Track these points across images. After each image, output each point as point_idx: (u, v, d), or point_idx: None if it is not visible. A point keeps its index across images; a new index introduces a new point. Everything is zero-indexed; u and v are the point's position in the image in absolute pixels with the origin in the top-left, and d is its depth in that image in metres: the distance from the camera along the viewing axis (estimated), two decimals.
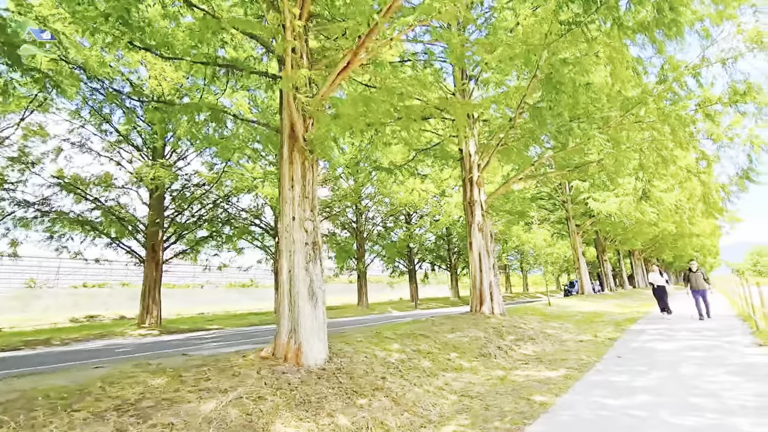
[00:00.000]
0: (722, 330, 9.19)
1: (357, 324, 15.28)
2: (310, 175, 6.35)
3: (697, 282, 10.79)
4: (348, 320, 18.01)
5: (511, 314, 12.08)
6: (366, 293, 27.25)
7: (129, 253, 16.97)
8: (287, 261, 5.91)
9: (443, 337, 8.49)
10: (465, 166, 11.93)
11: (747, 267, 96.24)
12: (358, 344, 7.27)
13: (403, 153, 15.96)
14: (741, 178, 10.13)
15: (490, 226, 11.56)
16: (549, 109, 8.47)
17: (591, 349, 8.02)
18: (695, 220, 25.51)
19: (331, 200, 23.00)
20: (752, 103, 7.89)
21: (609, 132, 9.78)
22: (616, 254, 38.19)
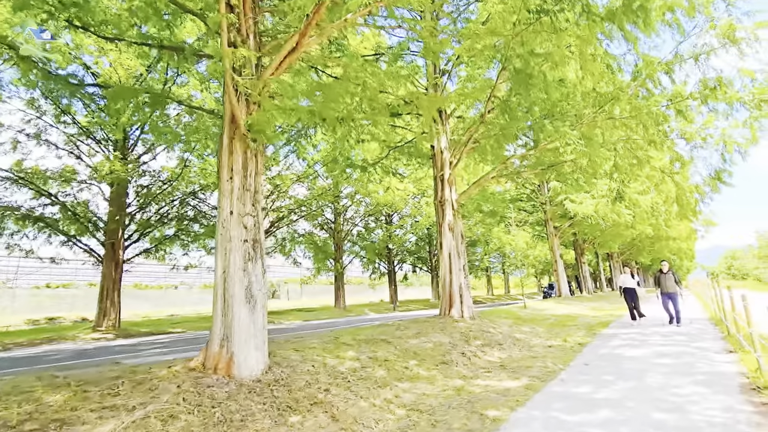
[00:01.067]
0: (693, 335, 8.93)
1: (327, 327, 14.70)
2: (253, 166, 5.78)
3: (667, 284, 10.13)
4: (318, 323, 17.40)
5: (484, 317, 11.68)
6: (343, 295, 26.64)
7: (87, 251, 16.02)
8: (222, 260, 5.33)
9: (405, 343, 8.00)
10: (436, 163, 11.49)
11: (721, 270, 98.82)
12: (309, 351, 6.72)
13: (379, 151, 15.46)
14: (714, 178, 9.94)
15: (461, 226, 11.14)
16: (518, 104, 8.08)
17: (559, 355, 7.63)
18: (671, 223, 25.70)
19: (307, 199, 22.33)
20: (722, 97, 7.64)
21: (582, 129, 9.46)
22: (594, 257, 38.47)
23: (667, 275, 10.24)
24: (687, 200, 10.90)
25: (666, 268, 10.35)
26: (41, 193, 15.07)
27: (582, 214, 17.19)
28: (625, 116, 8.45)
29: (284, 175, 21.18)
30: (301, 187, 24.22)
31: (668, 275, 10.22)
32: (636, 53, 9.29)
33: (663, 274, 10.31)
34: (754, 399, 4.43)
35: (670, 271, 10.26)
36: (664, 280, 10.21)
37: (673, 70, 8.32)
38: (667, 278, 10.19)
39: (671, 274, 10.22)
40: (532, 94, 8.19)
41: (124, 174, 14.14)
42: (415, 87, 11.48)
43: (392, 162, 16.99)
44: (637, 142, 10.84)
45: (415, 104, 8.56)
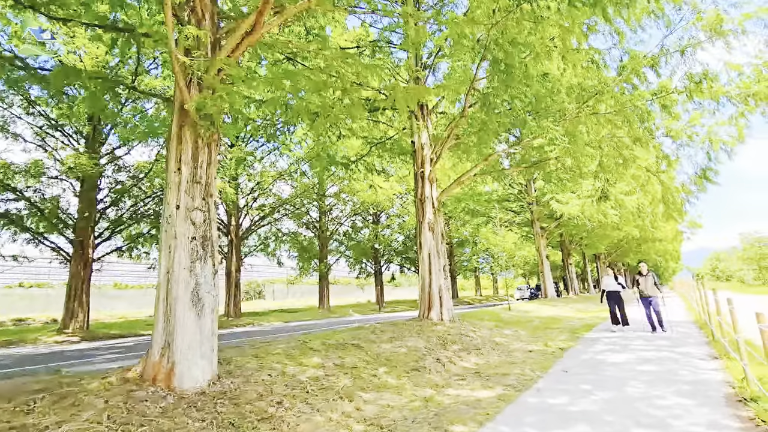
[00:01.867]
0: (677, 339, 8.64)
1: (304, 329, 14.19)
2: (204, 156, 5.28)
3: (647, 288, 9.42)
4: (298, 325, 16.87)
5: (465, 320, 11.29)
6: (328, 295, 26.13)
7: (55, 250, 15.28)
8: (165, 259, 4.83)
9: (378, 348, 7.56)
10: (416, 160, 11.08)
11: (706, 272, 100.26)
12: (270, 358, 6.24)
13: (360, 147, 15.00)
14: (700, 177, 9.68)
15: (442, 225, 10.74)
16: (499, 97, 7.70)
17: (538, 361, 7.26)
18: (657, 224, 25.68)
19: (290, 196, 21.77)
20: (708, 92, 7.35)
21: (565, 126, 9.12)
22: (582, 258, 38.48)
23: (646, 278, 9.56)
24: (673, 199, 10.64)
25: (645, 270, 9.65)
26: (5, 188, 14.31)
27: (568, 215, 16.94)
28: (610, 111, 8.12)
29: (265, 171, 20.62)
30: (285, 185, 23.67)
31: (647, 278, 9.54)
32: (621, 48, 8.99)
33: (642, 277, 9.63)
34: (741, 413, 4.07)
35: (649, 273, 9.59)
36: (643, 283, 9.55)
37: (659, 64, 8.02)
38: (646, 281, 9.52)
39: (651, 276, 9.54)
40: (513, 87, 7.81)
41: (92, 169, 13.45)
42: (396, 80, 11.06)
43: (375, 159, 16.58)
44: (622, 141, 10.55)
45: (391, 96, 8.14)
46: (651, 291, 9.36)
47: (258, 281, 44.09)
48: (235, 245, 20.26)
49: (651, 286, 9.38)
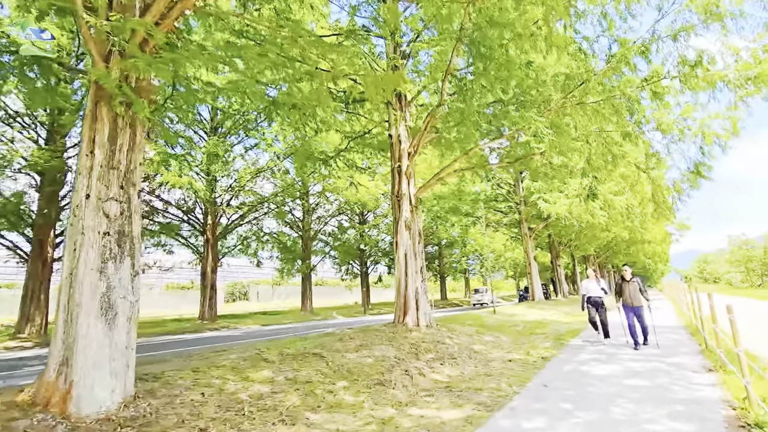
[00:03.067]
0: (668, 347, 8.04)
1: (277, 334, 13.41)
2: (125, 138, 4.51)
3: (631, 295, 7.93)
4: (273, 329, 16.06)
5: (445, 324, 10.61)
6: (310, 297, 25.32)
7: (11, 249, 14.31)
8: (69, 257, 4.05)
9: (342, 358, 6.83)
10: (394, 154, 10.38)
11: (694, 274, 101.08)
12: (211, 372, 5.48)
13: (339, 142, 14.27)
14: (693, 173, 9.12)
15: (420, 224, 10.05)
16: (476, 84, 7.04)
17: (517, 372, 6.59)
18: (647, 225, 25.32)
19: (270, 194, 20.94)
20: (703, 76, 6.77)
21: (550, 117, 8.48)
22: (571, 259, 38.14)
23: (630, 283, 8.03)
24: (664, 198, 10.08)
25: (629, 274, 8.16)
26: None
27: (556, 215, 16.39)
28: (597, 101, 7.51)
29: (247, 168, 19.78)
30: (267, 182, 22.84)
31: (632, 283, 8.01)
32: (610, 36, 8.39)
33: (626, 282, 8.12)
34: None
35: (634, 279, 8.08)
36: (627, 290, 8.04)
37: (650, 51, 7.41)
38: (630, 287, 8.00)
39: (636, 281, 8.03)
40: (492, 72, 7.14)
41: (52, 163, 12.54)
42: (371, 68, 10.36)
43: (355, 155, 15.86)
44: (611, 136, 9.97)
45: (363, 84, 7.44)
46: (637, 299, 7.92)
47: (243, 282, 43.10)
48: (211, 245, 19.39)
49: (636, 294, 7.94)
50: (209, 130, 19.92)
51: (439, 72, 7.33)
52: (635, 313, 8.00)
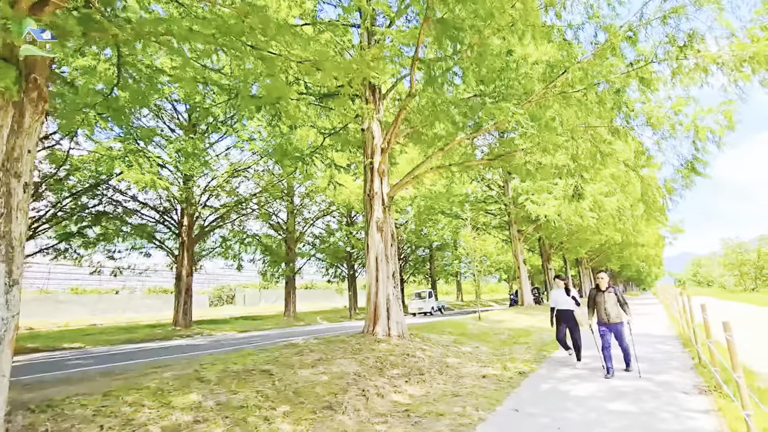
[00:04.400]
0: (658, 361, 7.35)
1: (249, 342, 12.61)
2: (7, 120, 3.75)
3: (608, 309, 6.36)
4: (245, 336, 15.25)
5: (421, 333, 9.88)
6: (294, 301, 24.52)
7: None
8: None
9: (293, 376, 6.07)
10: (366, 150, 9.67)
11: (688, 277, 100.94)
12: (126, 397, 4.71)
13: (315, 139, 13.53)
14: (686, 169, 8.45)
15: (392, 226, 9.32)
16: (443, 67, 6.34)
17: (489, 392, 5.86)
18: (639, 228, 24.74)
19: (249, 195, 20.13)
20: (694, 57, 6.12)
21: (530, 108, 7.81)
22: (563, 262, 37.56)
23: (606, 294, 6.46)
24: (654, 197, 9.44)
25: (605, 283, 6.50)
26: None
27: (544, 216, 15.74)
28: (579, 89, 6.84)
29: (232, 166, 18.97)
30: (249, 182, 22.04)
31: (609, 294, 6.45)
32: (596, 23, 7.73)
33: (601, 293, 6.51)
34: None
35: (612, 288, 6.50)
36: (602, 302, 6.44)
37: (638, 38, 6.75)
38: (607, 299, 6.43)
39: (614, 291, 6.48)
40: (461, 55, 6.45)
41: None
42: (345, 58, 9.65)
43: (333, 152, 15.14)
44: (598, 132, 9.32)
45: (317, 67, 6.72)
46: (614, 314, 6.35)
47: (230, 286, 42.16)
48: (186, 247, 18.56)
49: (614, 308, 6.36)
50: (187, 127, 19.13)
51: (406, 57, 6.63)
52: (613, 332, 6.39)
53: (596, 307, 6.55)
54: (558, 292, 7.51)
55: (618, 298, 6.43)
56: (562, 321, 7.38)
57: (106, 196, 16.61)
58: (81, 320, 25.18)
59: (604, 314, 6.42)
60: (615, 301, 6.41)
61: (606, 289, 6.50)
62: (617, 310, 6.41)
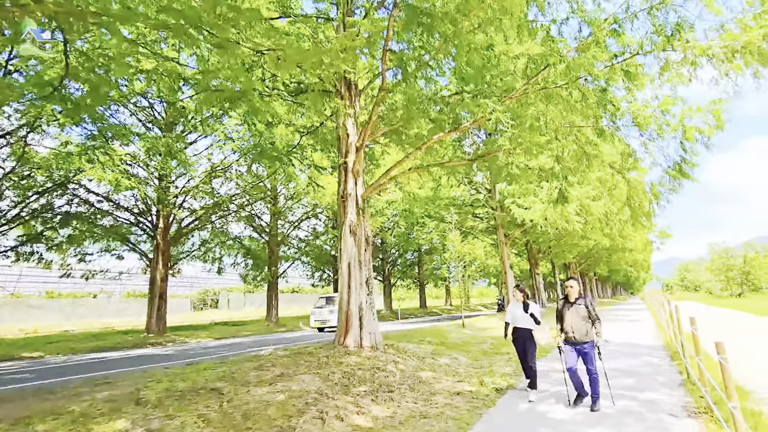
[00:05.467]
0: (644, 375, 6.90)
1: (218, 352, 11.97)
2: None
3: (575, 325, 5.22)
4: (219, 345, 14.57)
5: (396, 344, 9.34)
6: (276, 306, 23.81)
7: None
8: None
9: (245, 395, 5.49)
10: (341, 149, 9.14)
11: (675, 282, 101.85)
12: (32, 427, 4.10)
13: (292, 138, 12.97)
14: (674, 171, 8.05)
15: (367, 229, 8.79)
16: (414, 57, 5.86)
17: (461, 413, 5.33)
18: (627, 233, 24.55)
19: (229, 197, 19.45)
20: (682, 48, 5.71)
21: (511, 106, 7.36)
22: (551, 267, 37.34)
23: (575, 307, 5.30)
24: (640, 201, 9.07)
25: (575, 292, 5.41)
26: None
27: (530, 220, 15.34)
28: (561, 84, 6.40)
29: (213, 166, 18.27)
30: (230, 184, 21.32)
31: (577, 307, 5.29)
32: (580, 17, 7.32)
33: (569, 305, 5.38)
34: None
35: (582, 300, 5.36)
36: (570, 317, 5.29)
37: (624, 29, 6.35)
38: (575, 314, 5.27)
39: (585, 303, 5.32)
40: (436, 46, 5.97)
41: None
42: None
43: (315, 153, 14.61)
44: (583, 132, 8.92)
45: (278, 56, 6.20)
46: (581, 331, 5.18)
47: (214, 289, 41.18)
48: (161, 250, 17.80)
49: (583, 323, 5.19)
50: (164, 125, 18.42)
51: (373, 46, 6.14)
52: (579, 354, 5.21)
53: (562, 322, 5.43)
54: (515, 306, 6.21)
55: (589, 311, 5.26)
56: (518, 341, 6.17)
57: (78, 196, 15.83)
58: (53, 326, 24.12)
59: (571, 331, 5.25)
60: (584, 315, 5.25)
61: (575, 300, 5.39)
62: (585, 327, 5.21)
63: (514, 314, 6.21)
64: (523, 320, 6.09)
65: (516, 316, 6.18)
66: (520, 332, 6.17)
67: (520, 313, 6.11)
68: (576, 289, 5.47)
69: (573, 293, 5.46)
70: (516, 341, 6.25)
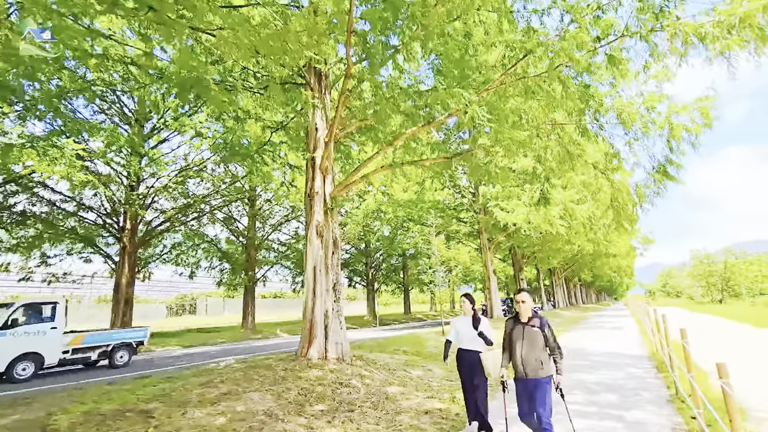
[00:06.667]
0: (629, 390, 6.37)
1: (180, 362, 11.14)
2: None
3: (524, 355, 3.75)
4: (184, 353, 13.71)
5: (367, 355, 8.69)
6: (253, 312, 22.90)
7: None
8: None
9: (179, 419, 4.77)
10: (309, 144, 8.51)
11: (658, 288, 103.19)
12: None
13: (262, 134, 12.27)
14: (659, 173, 7.63)
15: (336, 230, 8.16)
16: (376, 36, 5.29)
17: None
18: (610, 238, 24.38)
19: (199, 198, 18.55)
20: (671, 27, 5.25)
21: (488, 98, 6.84)
22: (536, 272, 37.13)
23: (528, 330, 3.82)
24: (624, 203, 8.64)
25: (527, 311, 3.88)
26: None
27: (512, 224, 14.90)
28: (540, 73, 5.90)
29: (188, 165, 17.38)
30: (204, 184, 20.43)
31: (530, 330, 3.81)
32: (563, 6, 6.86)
33: (520, 326, 3.89)
34: None
35: (537, 320, 3.85)
36: (521, 345, 3.80)
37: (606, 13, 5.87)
38: (527, 340, 3.78)
39: (540, 325, 3.81)
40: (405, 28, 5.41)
41: None
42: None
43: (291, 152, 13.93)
44: (567, 132, 8.47)
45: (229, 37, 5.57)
46: (534, 365, 3.69)
47: (193, 294, 39.89)
48: (128, 253, 16.83)
49: (536, 352, 3.72)
50: (135, 122, 17.52)
51: (336, 27, 5.54)
52: (531, 395, 3.64)
53: (510, 351, 3.84)
54: (462, 321, 4.56)
55: (543, 334, 3.71)
56: (463, 367, 4.49)
57: (36, 194, 14.84)
58: None
59: (520, 362, 3.71)
60: (540, 342, 3.69)
61: (529, 320, 3.80)
62: (541, 358, 3.64)
63: (459, 330, 4.54)
64: (470, 340, 4.42)
65: (462, 334, 4.50)
66: (465, 356, 4.45)
67: (467, 329, 4.44)
68: (528, 305, 3.84)
69: (525, 311, 3.82)
70: (461, 367, 4.53)
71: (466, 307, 4.60)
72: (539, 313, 3.97)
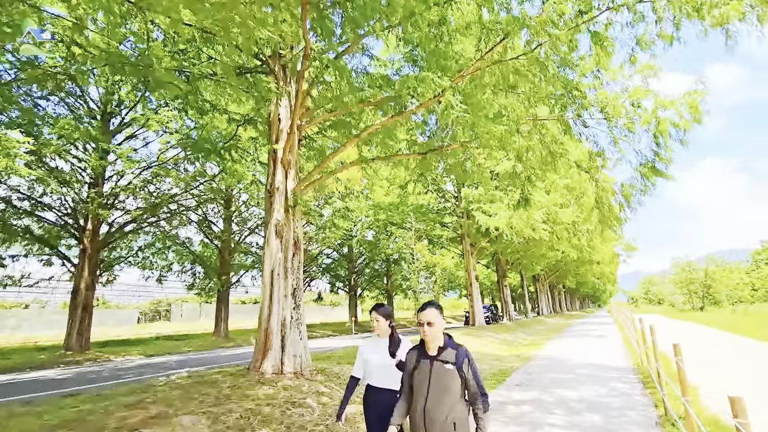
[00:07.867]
0: (614, 410, 5.76)
1: (131, 373, 10.20)
2: None
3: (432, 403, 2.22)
4: (144, 363, 12.73)
5: (331, 367, 7.93)
6: (226, 318, 21.90)
7: None
8: None
9: None
10: (271, 136, 7.81)
11: (640, 295, 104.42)
12: None
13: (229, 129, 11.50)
14: (646, 168, 7.15)
15: (298, 230, 7.43)
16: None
17: None
18: (594, 244, 24.12)
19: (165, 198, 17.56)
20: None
21: (463, 86, 6.25)
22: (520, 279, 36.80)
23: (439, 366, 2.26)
24: (609, 202, 8.15)
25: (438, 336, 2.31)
26: None
27: (495, 228, 14.38)
28: (518, 54, 5.34)
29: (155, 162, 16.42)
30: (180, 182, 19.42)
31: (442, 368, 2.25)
32: None
33: (426, 361, 2.31)
34: None
35: (453, 351, 2.28)
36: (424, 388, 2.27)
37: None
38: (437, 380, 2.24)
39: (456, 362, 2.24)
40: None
41: None
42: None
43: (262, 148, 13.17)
44: (549, 129, 7.94)
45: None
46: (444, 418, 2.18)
47: (167, 299, 38.41)
48: (88, 255, 15.76)
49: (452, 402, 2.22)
50: (99, 117, 16.53)
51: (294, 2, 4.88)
52: None
53: (409, 398, 2.40)
54: (374, 345, 2.97)
55: (463, 377, 2.26)
56: (371, 414, 2.87)
57: None
58: None
59: (419, 418, 2.26)
60: (455, 387, 2.25)
61: (439, 352, 2.31)
62: (453, 413, 2.22)
63: (368, 360, 2.90)
64: (383, 374, 2.86)
65: (372, 366, 2.89)
66: (376, 399, 2.86)
67: (381, 358, 2.87)
68: (437, 328, 2.33)
69: (434, 336, 2.31)
70: (369, 415, 2.90)
71: (381, 327, 2.96)
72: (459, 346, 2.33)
